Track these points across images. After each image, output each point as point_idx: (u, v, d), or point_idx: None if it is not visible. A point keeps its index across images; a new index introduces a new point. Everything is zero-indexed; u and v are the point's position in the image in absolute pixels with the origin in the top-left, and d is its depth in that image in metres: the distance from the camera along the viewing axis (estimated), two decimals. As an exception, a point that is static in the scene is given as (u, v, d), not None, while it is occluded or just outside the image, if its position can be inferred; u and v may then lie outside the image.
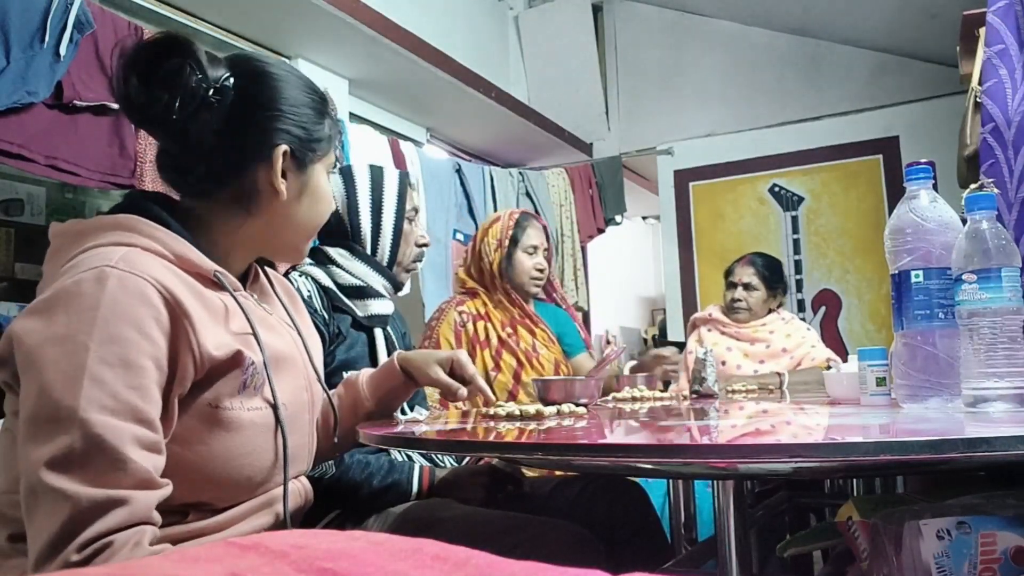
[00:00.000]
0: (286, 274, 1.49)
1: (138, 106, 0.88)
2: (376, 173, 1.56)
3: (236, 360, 0.86)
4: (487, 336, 1.99)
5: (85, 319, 0.76)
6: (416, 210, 1.59)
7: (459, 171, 3.56)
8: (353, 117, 3.26)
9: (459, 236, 3.51)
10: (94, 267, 0.79)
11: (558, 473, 1.65)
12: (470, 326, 1.99)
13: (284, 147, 0.93)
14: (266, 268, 1.07)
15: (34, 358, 0.75)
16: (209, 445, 0.85)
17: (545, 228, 2.16)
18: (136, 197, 0.93)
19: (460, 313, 2.01)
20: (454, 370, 1.17)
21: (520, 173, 4.04)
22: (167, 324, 0.80)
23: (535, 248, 2.08)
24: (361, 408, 1.17)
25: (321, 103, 0.99)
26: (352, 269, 1.47)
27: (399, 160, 3.14)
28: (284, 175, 0.94)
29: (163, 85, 0.87)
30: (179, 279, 0.84)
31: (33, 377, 0.75)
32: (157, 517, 0.77)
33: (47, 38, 1.90)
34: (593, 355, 2.22)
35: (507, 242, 2.07)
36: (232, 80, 0.91)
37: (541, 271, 2.08)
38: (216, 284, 0.89)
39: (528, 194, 4.01)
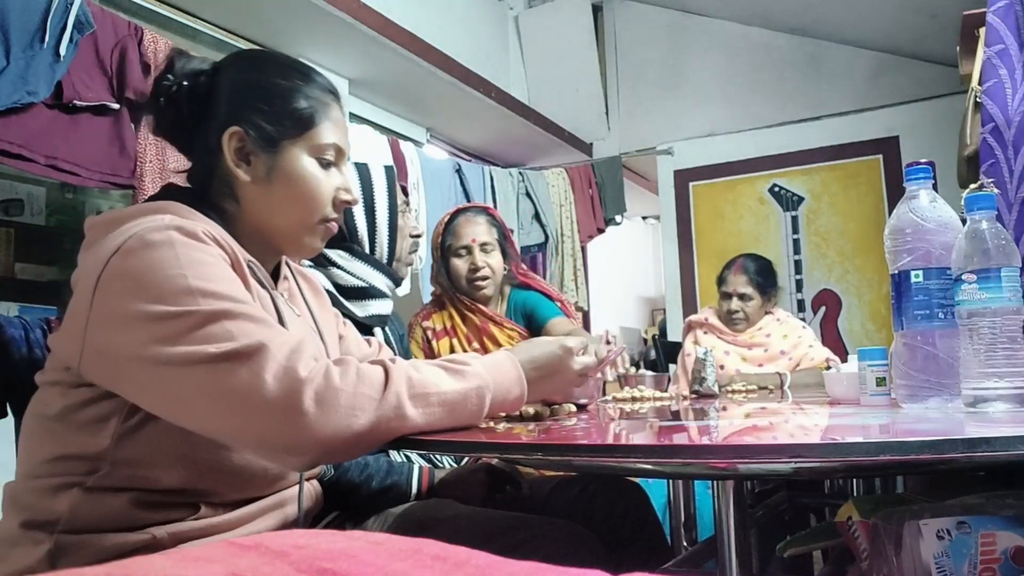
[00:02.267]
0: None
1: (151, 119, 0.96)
2: (363, 171, 1.55)
3: None
4: (452, 353, 1.93)
5: (168, 257, 0.76)
6: (407, 203, 1.59)
7: (459, 171, 3.56)
8: (353, 117, 3.26)
9: (459, 236, 3.50)
10: (147, 227, 0.79)
11: (555, 473, 1.65)
12: (434, 344, 1.92)
13: (234, 128, 0.92)
14: (293, 268, 1.08)
15: (128, 294, 0.75)
16: None
17: (493, 216, 1.99)
18: (172, 189, 0.95)
19: (425, 329, 1.94)
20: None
21: (520, 173, 4.04)
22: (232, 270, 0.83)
23: (466, 248, 1.92)
24: None
25: (302, 82, 0.96)
26: (353, 270, 1.47)
27: (399, 160, 3.14)
28: (248, 158, 0.93)
29: (153, 92, 0.95)
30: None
31: (136, 310, 0.74)
32: None
33: (47, 38, 1.90)
34: (574, 321, 2.04)
35: (438, 253, 1.95)
36: (200, 76, 0.94)
37: (475, 271, 1.91)
38: (252, 275, 0.90)
39: (528, 194, 4.01)
